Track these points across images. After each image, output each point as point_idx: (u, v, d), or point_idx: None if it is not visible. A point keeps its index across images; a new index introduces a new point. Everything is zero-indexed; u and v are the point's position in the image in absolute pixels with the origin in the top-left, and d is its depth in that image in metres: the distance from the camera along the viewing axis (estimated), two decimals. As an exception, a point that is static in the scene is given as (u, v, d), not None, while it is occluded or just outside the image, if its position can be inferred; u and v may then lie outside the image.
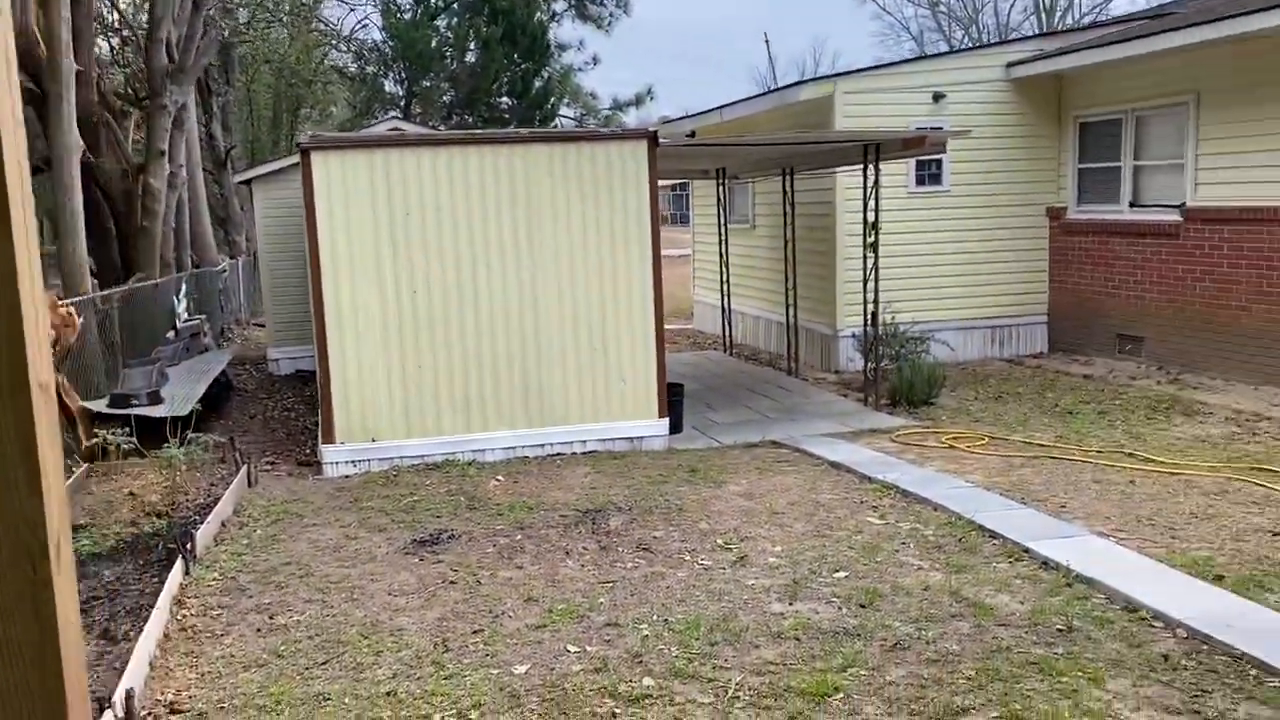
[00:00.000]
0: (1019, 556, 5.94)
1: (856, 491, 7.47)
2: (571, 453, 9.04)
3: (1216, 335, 11.17)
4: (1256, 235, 10.57)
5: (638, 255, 9.04)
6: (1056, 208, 13.40)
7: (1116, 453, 8.37)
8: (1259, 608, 5.03)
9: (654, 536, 6.42)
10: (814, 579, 5.60)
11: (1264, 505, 6.80)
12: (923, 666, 4.48)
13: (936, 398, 10.82)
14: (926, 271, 13.14)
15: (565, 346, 8.98)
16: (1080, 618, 5.00)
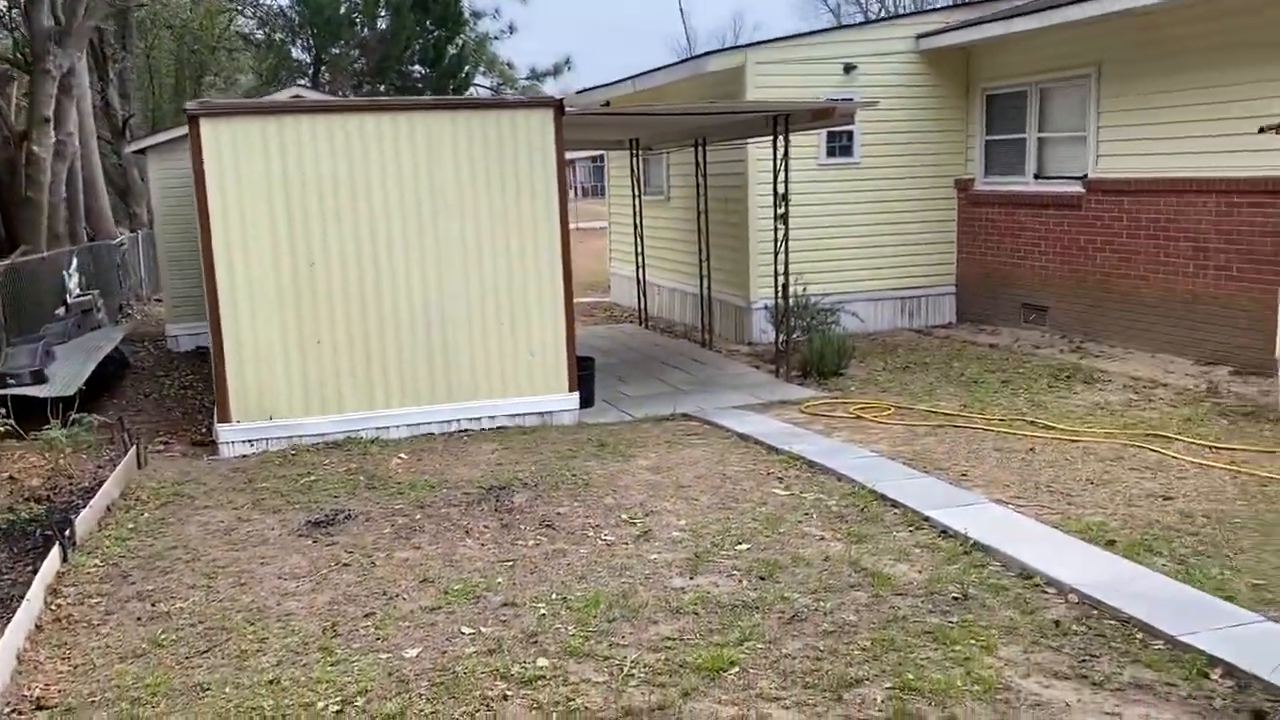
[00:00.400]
0: (919, 525, 5.97)
1: (764, 463, 7.45)
2: (479, 429, 8.87)
3: (1117, 304, 11.43)
4: (1154, 206, 10.81)
5: (545, 226, 8.88)
6: (964, 179, 13.56)
7: (1018, 420, 8.50)
8: (1147, 571, 5.12)
9: (558, 513, 6.32)
10: (716, 552, 5.56)
11: (1156, 470, 6.96)
12: (819, 638, 4.46)
13: (846, 369, 10.89)
14: (837, 243, 13.20)
15: (471, 320, 8.79)
16: (976, 585, 5.04)
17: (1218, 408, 8.69)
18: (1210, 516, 5.99)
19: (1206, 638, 4.29)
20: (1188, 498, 6.36)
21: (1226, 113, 9.78)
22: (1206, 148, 10.09)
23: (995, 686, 3.98)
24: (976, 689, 3.96)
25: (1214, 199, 10.16)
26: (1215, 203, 10.16)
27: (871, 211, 13.28)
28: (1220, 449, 7.44)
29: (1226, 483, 6.65)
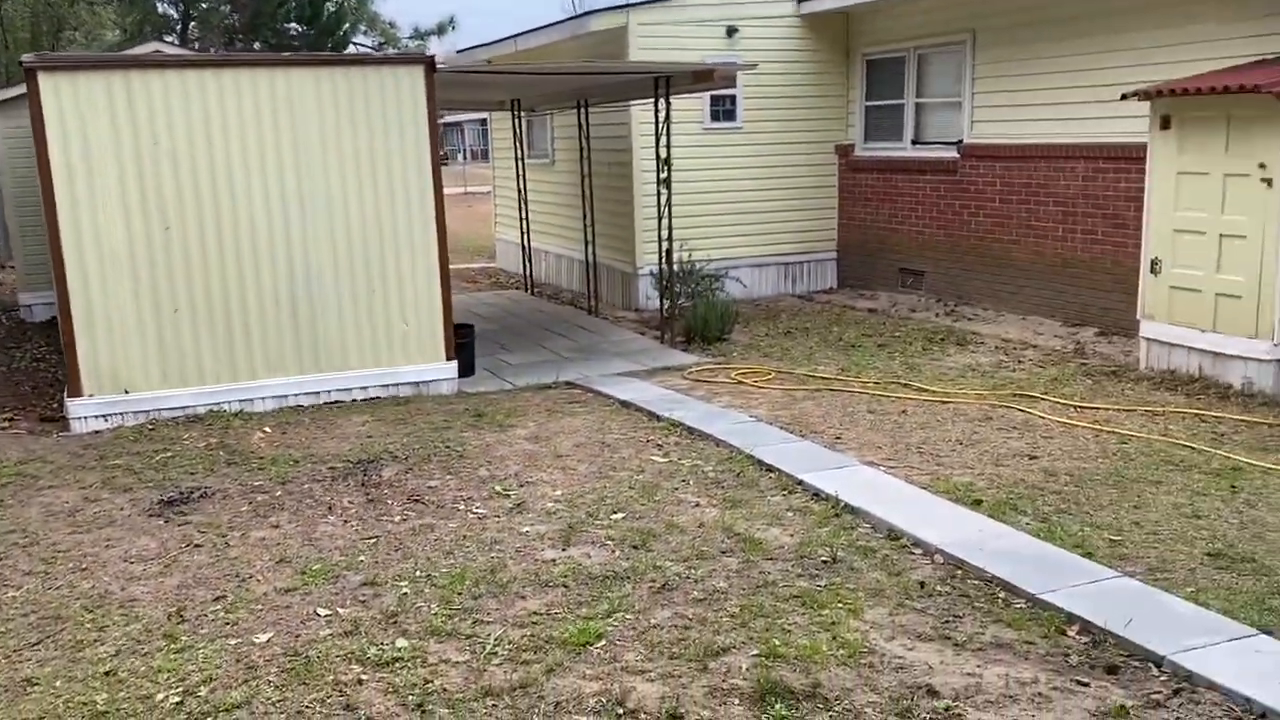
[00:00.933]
0: (793, 489, 5.97)
1: (644, 430, 7.37)
2: (351, 400, 8.57)
3: (989, 268, 11.69)
4: (1026, 172, 11.06)
5: (417, 189, 8.57)
6: (845, 145, 13.66)
7: (893, 383, 8.62)
8: (1011, 530, 5.21)
9: (429, 486, 6.12)
10: (591, 522, 5.45)
11: (1023, 430, 7.11)
12: (689, 607, 4.40)
13: (730, 334, 10.89)
14: (722, 208, 13.17)
15: (341, 287, 8.45)
16: (845, 548, 5.05)
17: (1083, 368, 8.95)
18: (1073, 475, 6.14)
19: (1065, 595, 4.37)
20: (1052, 456, 6.51)
21: (1092, 80, 10.03)
22: (1074, 114, 10.34)
23: (860, 650, 3.98)
24: (842, 653, 3.95)
25: (1082, 164, 10.43)
26: (1083, 168, 10.43)
27: (755, 177, 13.29)
28: (1084, 408, 7.66)
29: (1089, 441, 6.83)
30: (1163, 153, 8.34)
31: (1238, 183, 7.74)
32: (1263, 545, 5.03)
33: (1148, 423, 7.24)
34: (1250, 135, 7.59)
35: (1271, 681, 3.60)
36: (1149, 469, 6.21)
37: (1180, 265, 8.28)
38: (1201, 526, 5.29)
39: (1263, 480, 5.98)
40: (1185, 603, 4.31)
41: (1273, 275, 7.55)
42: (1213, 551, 4.95)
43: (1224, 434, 6.94)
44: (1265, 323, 7.65)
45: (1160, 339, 8.54)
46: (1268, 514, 5.45)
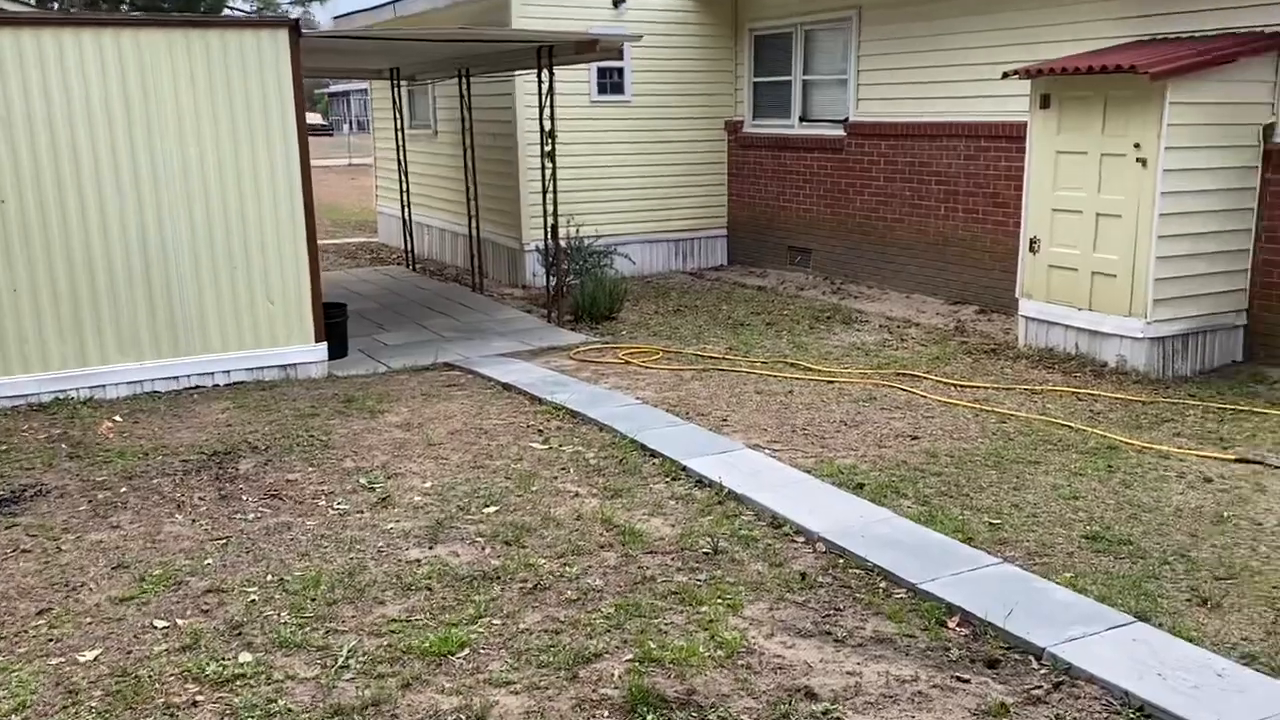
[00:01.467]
0: (676, 475, 5.79)
1: (525, 415, 7.09)
2: (213, 385, 8.06)
3: (874, 246, 11.72)
4: (910, 150, 11.08)
5: (282, 161, 8.07)
6: (734, 121, 13.52)
7: (780, 363, 8.51)
8: (892, 515, 5.12)
9: (288, 480, 5.73)
10: (461, 517, 5.16)
11: (905, 410, 7.07)
12: (561, 608, 4.16)
13: (619, 312, 10.67)
14: (611, 184, 12.91)
15: (200, 264, 7.92)
16: (727, 538, 4.87)
17: (964, 346, 9.00)
18: (953, 455, 6.10)
19: (945, 584, 4.27)
20: (933, 437, 6.47)
21: (974, 59, 10.06)
22: (957, 93, 10.38)
23: (738, 650, 3.80)
24: (720, 654, 3.77)
25: (963, 143, 10.49)
26: (964, 147, 10.49)
27: (645, 152, 13.06)
28: (965, 387, 7.67)
29: (969, 421, 6.83)
30: (1042, 132, 8.39)
31: (1114, 162, 7.83)
32: (1138, 526, 5.04)
33: (1026, 401, 7.29)
34: (1126, 115, 7.67)
35: (1149, 673, 3.55)
36: (1028, 449, 6.22)
37: (1058, 244, 8.36)
38: (1079, 508, 5.29)
39: (1137, 459, 6.03)
40: (1064, 589, 4.26)
41: (1147, 254, 7.66)
42: (1090, 534, 4.94)
43: (1100, 412, 7.01)
44: (1139, 301, 7.77)
45: (1038, 317, 8.63)
46: (1142, 493, 5.49)
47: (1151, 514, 5.20)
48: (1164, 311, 7.78)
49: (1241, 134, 7.78)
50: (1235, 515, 5.18)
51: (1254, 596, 4.27)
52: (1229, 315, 8.11)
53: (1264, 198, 7.92)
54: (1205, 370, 8.07)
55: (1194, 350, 8.03)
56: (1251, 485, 5.59)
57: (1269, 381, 7.65)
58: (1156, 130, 7.47)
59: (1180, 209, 7.64)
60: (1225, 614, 4.11)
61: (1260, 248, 8.00)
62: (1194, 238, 7.76)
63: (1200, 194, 7.69)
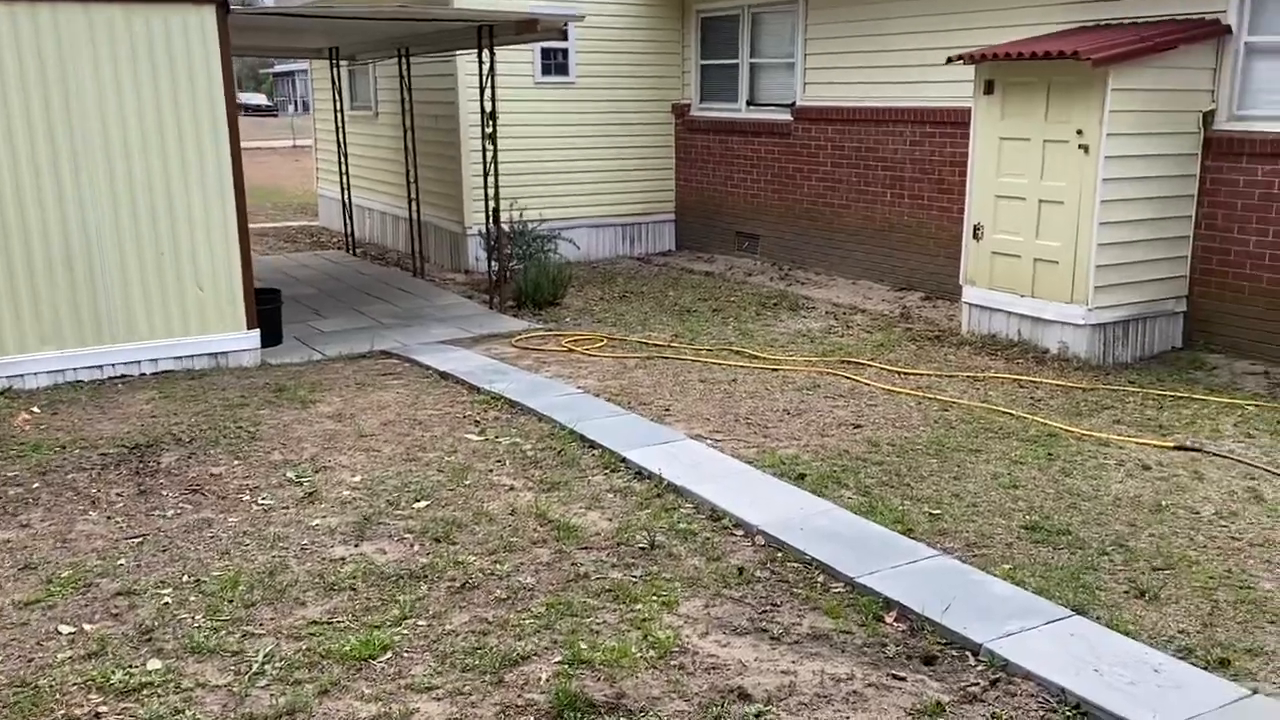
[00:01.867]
0: (616, 467, 5.66)
1: (462, 405, 6.92)
2: (140, 374, 7.78)
3: (822, 232, 11.66)
4: (857, 135, 11.02)
5: (211, 142, 7.79)
6: (681, 105, 13.38)
7: (725, 350, 8.42)
8: (833, 507, 5.04)
9: (212, 474, 5.52)
10: (390, 513, 4.99)
11: (849, 398, 7.01)
12: (490, 608, 4.02)
13: (563, 298, 10.51)
14: (557, 167, 12.71)
15: (126, 250, 7.62)
16: (665, 532, 4.76)
17: (909, 333, 8.98)
18: (895, 444, 6.05)
19: (884, 578, 4.20)
20: (876, 425, 6.42)
21: (920, 43, 10.01)
22: (903, 78, 10.33)
23: (671, 650, 3.69)
24: (652, 654, 3.66)
25: (909, 129, 10.44)
26: (910, 132, 10.45)
27: (591, 135, 12.87)
28: (908, 374, 7.63)
29: (912, 409, 6.78)
30: (986, 118, 8.36)
31: (1057, 149, 7.81)
32: (1077, 515, 5.01)
33: (969, 389, 7.26)
34: (1069, 102, 7.65)
35: (1085, 669, 3.50)
36: (969, 437, 6.18)
37: (1001, 230, 8.34)
38: (1019, 497, 5.25)
39: (1077, 447, 6.02)
40: (1002, 582, 4.20)
41: (1088, 241, 7.66)
42: (1029, 524, 4.90)
43: (1040, 399, 7.00)
44: (1081, 288, 7.78)
45: (982, 304, 8.62)
46: (1081, 482, 5.47)
47: (1090, 503, 5.18)
48: (1105, 298, 7.80)
49: (1182, 121, 7.80)
50: (1173, 504, 5.17)
51: (1191, 587, 4.25)
52: (1169, 302, 8.16)
53: (1204, 185, 7.96)
54: (1146, 357, 8.11)
55: (1135, 337, 8.06)
56: (1189, 473, 5.60)
57: (1208, 368, 7.70)
58: (1098, 117, 7.46)
59: (1122, 196, 7.65)
60: (1163, 606, 4.08)
61: (1200, 235, 8.05)
62: (1135, 225, 7.77)
63: (1141, 181, 7.71)
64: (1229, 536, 4.78)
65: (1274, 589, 4.24)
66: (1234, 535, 4.80)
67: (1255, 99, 7.70)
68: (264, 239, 15.76)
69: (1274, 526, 4.88)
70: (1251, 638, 3.84)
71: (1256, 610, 4.05)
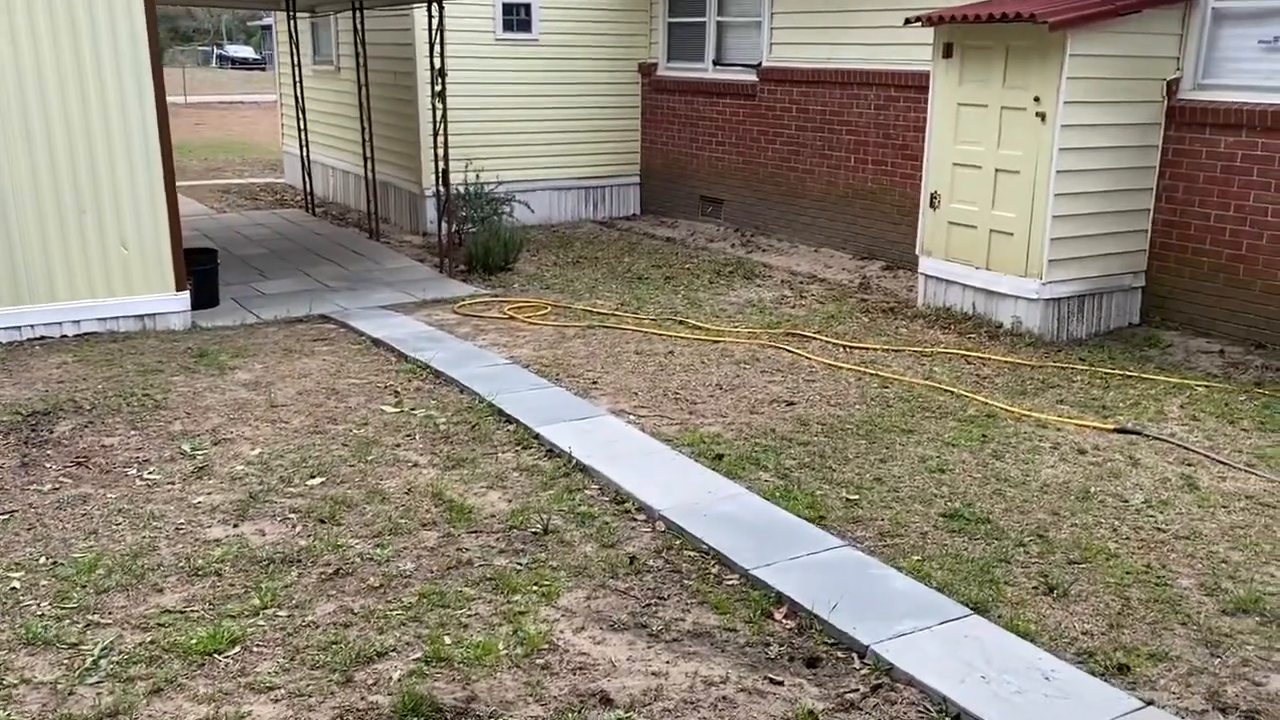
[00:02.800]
0: (528, 444, 5.43)
1: (387, 374, 6.67)
2: (61, 336, 7.51)
3: (785, 197, 11.37)
4: (821, 98, 10.70)
5: (135, 95, 7.46)
6: (648, 64, 13.01)
7: (669, 320, 8.17)
8: (744, 491, 4.81)
9: (104, 445, 5.27)
10: (281, 490, 4.76)
11: (787, 373, 6.77)
12: (359, 597, 3.80)
13: (515, 263, 10.24)
14: (518, 127, 12.35)
15: (43, 205, 7.32)
16: (563, 515, 4.54)
17: (863, 304, 8.73)
18: (825, 423, 5.82)
19: (780, 570, 3.98)
20: (810, 402, 6.19)
21: (884, 4, 9.66)
22: (867, 39, 9.99)
23: (540, 648, 3.48)
24: (518, 652, 3.44)
25: (874, 92, 10.13)
26: (875, 96, 10.13)
27: (554, 94, 12.50)
28: (854, 348, 7.40)
29: (850, 385, 6.55)
30: (944, 82, 8.06)
31: (1014, 116, 7.53)
32: (1001, 503, 4.80)
33: (914, 364, 7.03)
34: (1027, 67, 7.36)
35: (972, 675, 3.30)
36: (904, 416, 5.96)
37: (958, 200, 8.07)
38: (944, 482, 5.04)
39: (1014, 429, 5.80)
40: (905, 577, 3.99)
41: (1044, 212, 7.40)
42: (949, 511, 4.69)
43: (987, 377, 6.78)
44: (1035, 261, 7.53)
45: (937, 275, 8.37)
46: (1012, 466, 5.25)
47: (1017, 489, 4.97)
48: (1059, 272, 7.55)
49: (1145, 89, 7.51)
50: (1102, 491, 4.97)
51: (1104, 584, 4.05)
52: (1126, 277, 7.92)
53: (1165, 156, 7.69)
54: (1101, 333, 7.88)
55: (1090, 312, 7.83)
56: (1125, 458, 5.39)
57: (1162, 345, 7.48)
58: (1056, 83, 7.17)
59: (1079, 166, 7.38)
60: (1071, 604, 3.88)
61: (1160, 208, 7.79)
62: (1092, 196, 7.51)
63: (1100, 151, 7.44)
64: (1154, 527, 4.58)
65: (1191, 586, 4.03)
66: (1160, 526, 4.59)
67: (1221, 68, 7.41)
68: (225, 195, 15.42)
69: (1203, 518, 4.68)
70: (1159, 640, 3.64)
71: (1169, 610, 3.85)
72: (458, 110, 11.75)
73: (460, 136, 11.77)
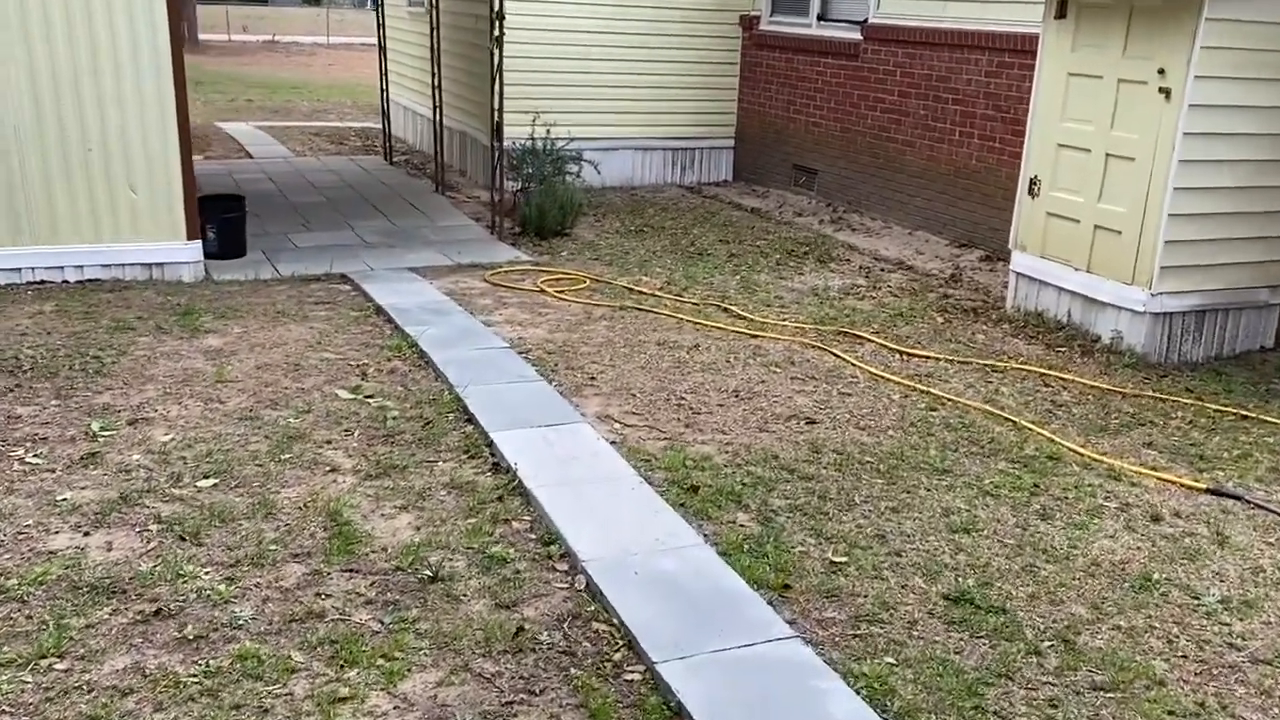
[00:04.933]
0: (477, 452, 4.65)
1: (369, 349, 5.99)
2: (63, 281, 7.13)
3: (882, 171, 10.19)
4: (929, 61, 9.45)
5: (146, 30, 6.94)
6: (750, 16, 11.90)
7: (712, 306, 7.23)
8: (700, 542, 3.91)
9: (14, 415, 4.75)
10: (163, 491, 4.11)
11: (821, 380, 5.78)
12: (164, 652, 3.09)
13: (572, 228, 9.46)
14: (598, 79, 11.46)
15: (47, 143, 6.90)
16: (470, 555, 3.74)
17: (945, 301, 7.59)
18: (843, 452, 4.84)
19: (692, 669, 3.09)
20: (834, 422, 5.20)
21: (1002, -47, 8.36)
22: (981, -6, 8.71)
23: (338, 755, 2.70)
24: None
25: (985, 57, 8.85)
26: (986, 61, 8.85)
27: (642, 45, 11.54)
28: (913, 355, 6.32)
29: (892, 403, 5.52)
30: (1054, 47, 6.80)
31: (1132, 91, 6.25)
32: (1028, 585, 3.77)
33: (979, 381, 5.93)
34: (1152, 33, 6.06)
35: None
36: (943, 450, 4.91)
37: (1060, 188, 6.84)
38: (963, 547, 4.02)
39: (1077, 478, 4.69)
40: (853, 697, 3.03)
41: (1159, 208, 6.13)
42: (957, 592, 3.69)
43: (1064, 404, 5.63)
44: (1145, 266, 6.28)
45: (1030, 274, 7.17)
46: (1059, 531, 4.18)
47: (1056, 566, 3.91)
48: (1174, 281, 6.28)
49: (1302, 64, 6.11)
50: (1169, 579, 3.86)
51: (1133, 728, 3.01)
52: (1260, 291, 6.57)
53: (1323, 148, 6.28)
54: (1222, 357, 6.58)
55: (1210, 332, 6.53)
56: (1212, 533, 4.24)
57: (1296, 380, 6.15)
58: (1186, 54, 5.87)
59: (1207, 155, 6.07)
60: (1077, 757, 2.87)
61: (1312, 211, 6.39)
62: (1222, 193, 6.19)
63: (1235, 138, 6.10)
64: (1227, 642, 3.48)
65: (1258, 746, 2.96)
66: (1235, 641, 3.49)
67: (1406, 40, 5.95)
68: (315, 139, 15.09)
69: (1299, 634, 3.54)
70: (1189, 834, 2.61)
71: (1216, 783, 2.80)
72: (530, 59, 10.98)
73: (530, 88, 11.01)
